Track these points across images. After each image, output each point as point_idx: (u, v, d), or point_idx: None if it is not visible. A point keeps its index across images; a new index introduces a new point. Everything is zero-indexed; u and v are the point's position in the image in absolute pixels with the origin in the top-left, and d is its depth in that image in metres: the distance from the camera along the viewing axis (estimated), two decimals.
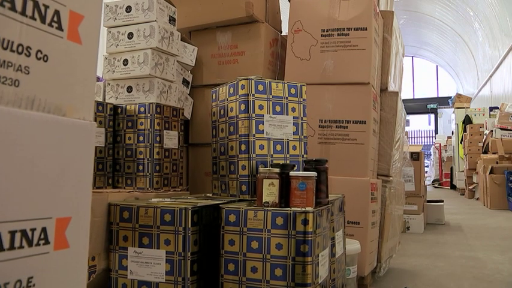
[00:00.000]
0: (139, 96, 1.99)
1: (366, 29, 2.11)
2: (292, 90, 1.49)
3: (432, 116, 19.85)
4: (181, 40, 2.30)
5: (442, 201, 5.22)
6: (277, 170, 1.23)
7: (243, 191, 1.42)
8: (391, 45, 2.43)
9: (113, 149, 2.01)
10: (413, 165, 4.21)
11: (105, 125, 1.96)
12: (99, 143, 1.94)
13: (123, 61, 2.00)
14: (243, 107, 1.42)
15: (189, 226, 1.18)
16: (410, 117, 20.46)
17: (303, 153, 1.51)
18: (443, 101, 18.34)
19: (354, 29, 2.13)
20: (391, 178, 2.35)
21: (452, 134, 11.36)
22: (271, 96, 1.44)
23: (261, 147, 1.42)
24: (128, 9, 1.98)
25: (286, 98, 1.48)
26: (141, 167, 1.95)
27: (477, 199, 8.00)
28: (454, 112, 11.09)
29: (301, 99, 1.52)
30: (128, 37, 1.98)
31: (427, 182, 12.63)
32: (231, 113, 1.48)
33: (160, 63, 1.99)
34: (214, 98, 1.60)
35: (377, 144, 2.27)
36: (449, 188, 11.53)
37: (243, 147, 1.41)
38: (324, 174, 1.28)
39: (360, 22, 2.12)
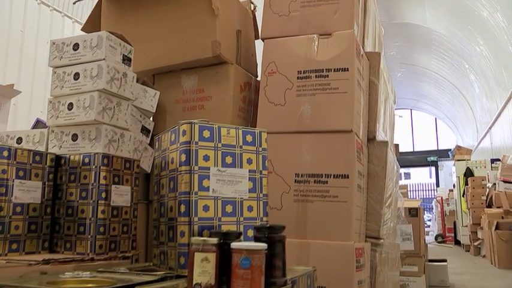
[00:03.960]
0: (84, 145, 1.72)
1: (348, 70, 1.87)
2: (249, 138, 1.22)
3: (433, 168, 19.55)
4: (142, 84, 2.06)
5: (445, 260, 4.82)
6: (214, 240, 0.93)
7: (181, 264, 1.11)
8: (379, 90, 2.19)
9: (52, 206, 1.71)
10: (412, 222, 3.87)
11: (42, 178, 1.67)
12: (34, 199, 1.64)
13: (68, 105, 1.74)
14: (183, 157, 1.13)
15: None
16: (411, 170, 20.19)
17: (261, 216, 1.21)
18: (443, 154, 18.11)
19: (334, 70, 1.88)
20: (381, 241, 2.03)
21: (454, 187, 11.03)
22: (220, 145, 1.17)
23: (206, 208, 1.12)
24: (75, 46, 1.75)
25: (240, 147, 1.20)
26: (82, 228, 1.64)
27: (483, 256, 7.54)
28: (454, 165, 10.81)
29: (260, 149, 1.23)
30: (73, 78, 1.74)
31: (429, 238, 12.15)
32: (172, 165, 1.19)
33: (109, 107, 1.73)
34: (157, 146, 1.33)
35: (364, 202, 1.97)
36: (453, 243, 11.03)
37: (183, 208, 1.12)
38: (280, 245, 0.98)
39: (341, 62, 1.88)
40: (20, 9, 5.15)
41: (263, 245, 0.91)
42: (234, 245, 0.91)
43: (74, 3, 2.31)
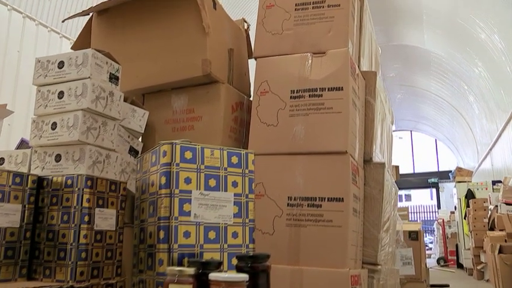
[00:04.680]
0: (68, 166, 1.65)
1: (342, 89, 1.81)
2: (234, 159, 1.15)
3: (434, 190, 19.40)
4: (131, 103, 2.01)
5: (447, 285, 4.69)
6: (191, 270, 0.85)
7: None
8: (375, 109, 2.13)
9: (32, 231, 1.63)
10: (412, 245, 3.76)
11: (22, 201, 1.59)
12: (12, 223, 1.56)
13: (52, 124, 1.68)
14: (163, 180, 1.06)
15: None
16: (412, 192, 20.05)
17: (247, 243, 1.13)
18: (444, 175, 18.00)
19: (328, 89, 1.83)
20: (379, 267, 1.94)
21: (455, 209, 10.89)
22: (203, 167, 1.10)
23: (187, 234, 1.05)
24: (61, 64, 1.70)
25: (225, 169, 1.13)
26: (62, 254, 1.56)
27: (487, 281, 7.37)
28: (455, 186, 10.70)
29: (247, 171, 1.16)
30: (58, 97, 1.68)
31: (431, 261, 11.95)
32: (152, 188, 1.12)
33: (94, 127, 1.67)
34: (138, 168, 1.26)
35: (360, 226, 1.89)
36: (456, 266, 10.83)
37: (162, 234, 1.04)
38: (264, 275, 0.90)
39: (335, 81, 1.82)
40: (17, 29, 5.15)
41: (243, 276, 0.83)
42: (212, 276, 0.83)
43: (63, 21, 2.28)
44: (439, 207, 18.56)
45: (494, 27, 8.18)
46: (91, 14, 2.16)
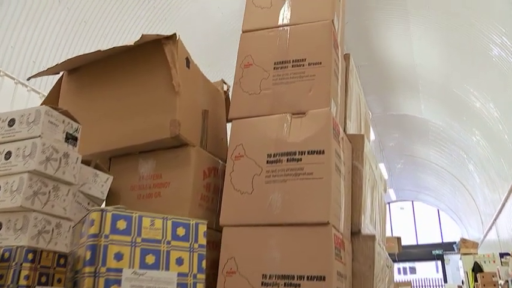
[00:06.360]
0: (8, 236, 1.44)
1: (323, 153, 1.64)
2: (180, 231, 0.95)
3: (439, 262, 18.67)
4: (94, 167, 1.84)
5: None
6: None
7: None
8: (363, 176, 1.95)
9: None
10: None
11: None
12: None
13: None
14: (88, 255, 0.86)
15: None
16: (416, 265, 19.30)
17: None
18: (448, 247, 17.41)
19: (308, 153, 1.65)
20: None
21: (463, 283, 10.35)
22: (139, 240, 0.90)
23: None
24: (11, 122, 1.54)
25: (168, 243, 0.93)
26: None
27: None
28: (461, 259, 10.24)
29: (196, 245, 0.96)
30: (5, 157, 1.50)
31: None
32: (78, 264, 0.92)
33: (43, 192, 1.47)
34: (71, 241, 1.06)
35: None
36: None
37: None
38: None
39: (316, 144, 1.66)
40: (8, 95, 5.12)
41: None
42: None
43: (28, 79, 2.18)
44: (445, 281, 17.78)
45: (489, 95, 8.21)
46: (61, 73, 2.05)
